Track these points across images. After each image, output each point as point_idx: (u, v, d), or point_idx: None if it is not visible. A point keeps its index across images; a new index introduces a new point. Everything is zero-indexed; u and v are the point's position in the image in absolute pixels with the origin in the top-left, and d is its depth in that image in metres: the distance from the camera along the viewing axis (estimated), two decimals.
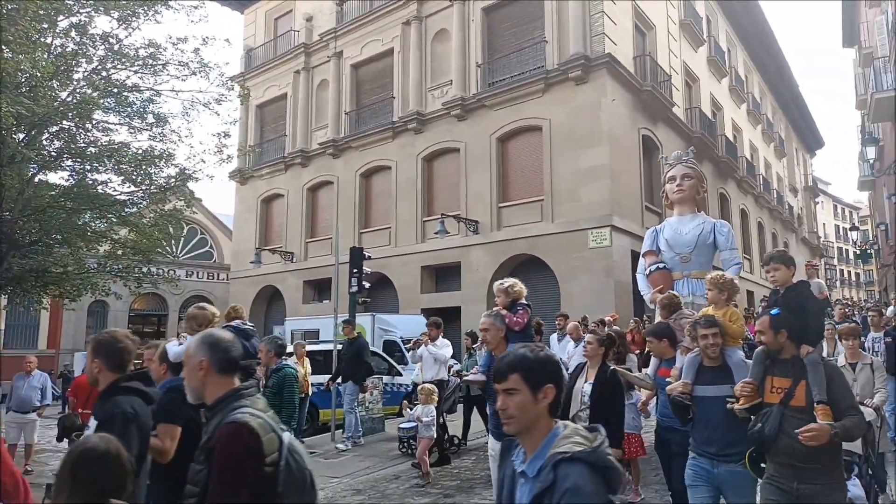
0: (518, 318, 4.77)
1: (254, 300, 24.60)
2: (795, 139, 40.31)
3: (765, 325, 3.46)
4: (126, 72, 13.57)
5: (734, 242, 6.36)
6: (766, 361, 3.56)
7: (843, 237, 63.10)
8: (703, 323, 4.01)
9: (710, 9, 25.74)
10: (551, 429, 1.90)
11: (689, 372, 4.10)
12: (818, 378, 3.30)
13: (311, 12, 24.07)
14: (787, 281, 3.81)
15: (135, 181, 13.99)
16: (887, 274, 30.05)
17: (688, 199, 6.51)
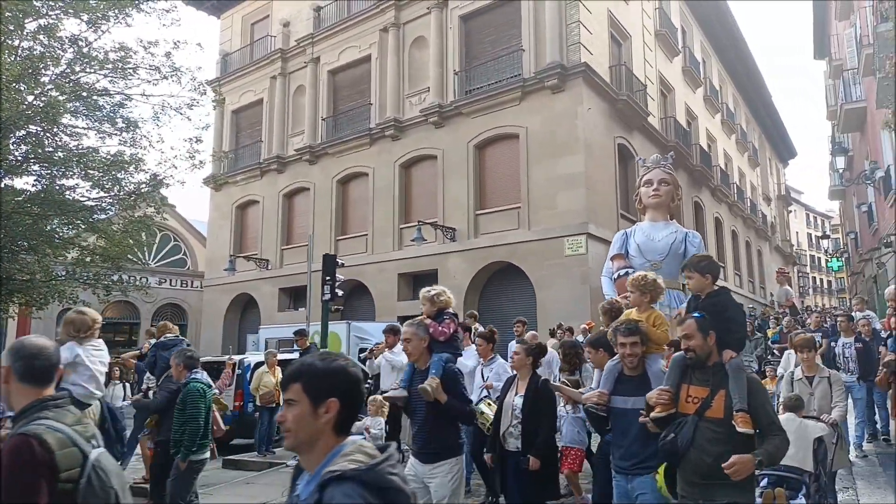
0: (443, 327, 4.52)
1: (228, 308, 24.27)
2: (769, 149, 40.96)
3: (692, 328, 3.28)
4: (95, 75, 13.39)
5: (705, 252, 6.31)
6: (683, 368, 3.38)
7: (816, 245, 64.26)
8: (622, 330, 3.77)
9: (685, 20, 26.07)
10: (334, 447, 1.72)
11: (608, 381, 3.87)
12: (739, 385, 3.13)
13: (289, 18, 23.92)
14: (704, 288, 3.68)
15: (104, 187, 13.77)
16: (857, 281, 30.60)
17: (663, 205, 6.32)
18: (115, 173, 13.50)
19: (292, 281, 21.51)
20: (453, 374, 4.25)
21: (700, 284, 3.67)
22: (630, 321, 3.85)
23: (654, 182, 6.33)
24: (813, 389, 5.94)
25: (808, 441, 4.95)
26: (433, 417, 4.15)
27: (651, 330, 3.89)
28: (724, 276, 27.11)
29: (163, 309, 29.08)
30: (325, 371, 1.76)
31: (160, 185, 14.48)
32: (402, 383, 4.58)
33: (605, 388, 3.81)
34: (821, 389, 5.92)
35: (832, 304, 56.40)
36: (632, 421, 3.59)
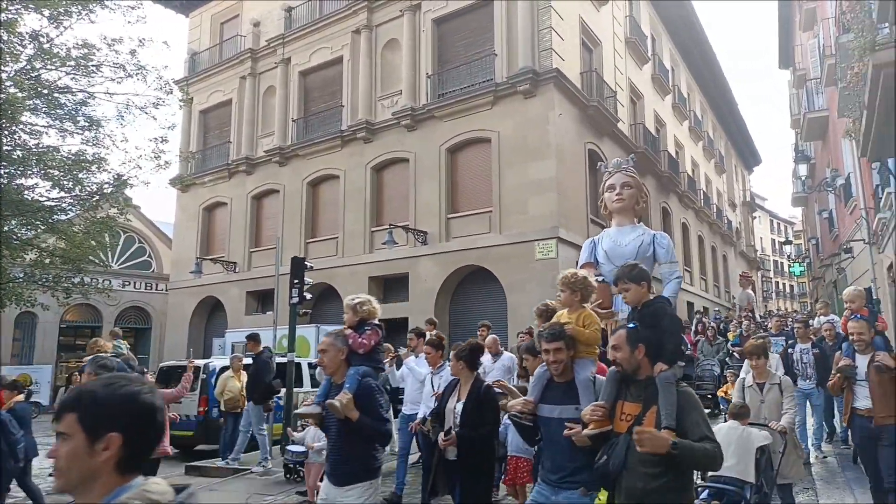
0: (363, 339, 4.23)
1: (194, 311, 23.85)
2: (734, 156, 41.76)
3: (620, 339, 3.08)
4: (57, 72, 13.05)
5: (674, 255, 6.08)
6: (619, 382, 3.16)
7: (779, 251, 65.69)
8: (545, 335, 3.50)
9: (654, 28, 26.44)
10: (114, 489, 1.46)
11: (535, 388, 3.62)
12: (668, 400, 2.90)
13: (259, 18, 23.64)
14: (642, 298, 3.48)
15: (64, 187, 13.42)
16: (818, 286, 31.33)
17: (627, 208, 6.15)
18: (77, 173, 13.17)
19: (260, 284, 21.22)
20: (369, 389, 3.94)
21: (637, 295, 3.46)
22: (554, 325, 3.59)
23: (616, 186, 6.22)
24: (764, 396, 5.84)
25: (751, 450, 4.82)
26: (345, 436, 3.88)
27: (579, 331, 3.59)
28: (691, 281, 27.53)
29: (126, 312, 28.45)
30: (106, 399, 1.50)
31: (124, 185, 14.17)
32: (317, 398, 4.24)
33: (533, 396, 3.57)
34: (772, 397, 5.81)
35: (794, 307, 57.69)
36: (558, 431, 3.35)
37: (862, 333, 5.43)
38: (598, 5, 20.20)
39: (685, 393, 2.97)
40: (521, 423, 3.56)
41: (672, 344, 3.12)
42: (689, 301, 26.69)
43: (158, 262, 29.76)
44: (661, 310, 3.31)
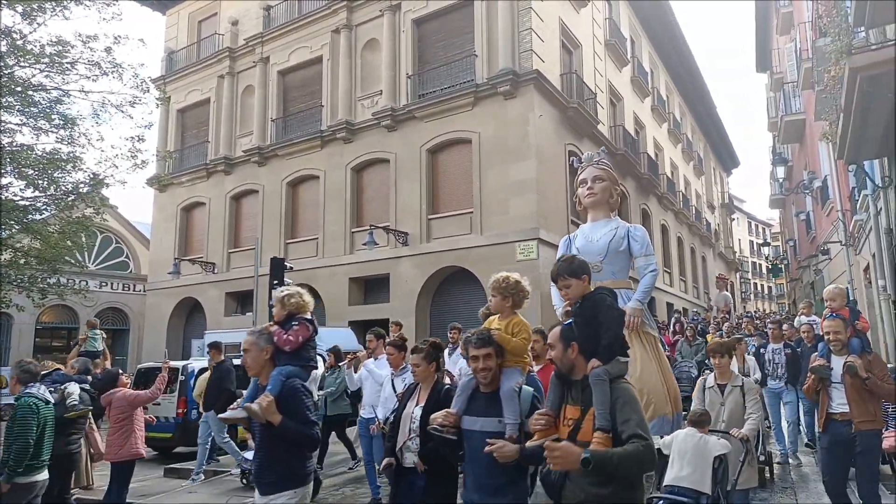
0: (289, 335, 3.83)
1: (172, 312, 23.55)
2: (713, 158, 42.24)
3: (554, 337, 2.91)
4: (30, 69, 12.80)
5: (650, 248, 5.82)
6: (563, 385, 2.95)
7: (757, 252, 66.53)
8: (473, 341, 3.26)
9: (634, 31, 26.64)
10: None
11: (460, 398, 3.34)
12: (600, 399, 2.69)
13: (237, 16, 23.43)
14: (583, 294, 3.24)
15: (39, 186, 13.17)
16: (796, 287, 31.77)
17: (600, 202, 5.94)
18: (52, 172, 12.94)
19: (239, 285, 21.02)
20: (293, 391, 3.63)
21: (579, 289, 3.21)
22: (482, 331, 3.36)
23: (588, 181, 6.04)
24: (724, 399, 5.45)
25: (708, 460, 4.61)
26: (269, 441, 3.61)
27: (506, 339, 3.35)
28: (670, 282, 27.77)
29: (103, 313, 27.98)
30: None
31: (100, 184, 13.95)
32: (243, 401, 3.92)
33: (457, 407, 3.29)
34: (733, 399, 5.42)
35: (772, 309, 58.44)
36: (479, 445, 3.08)
37: (838, 333, 5.13)
38: (578, 7, 20.30)
39: (620, 389, 2.74)
40: (440, 435, 3.26)
41: (608, 338, 2.89)
42: (668, 302, 26.92)
43: (136, 263, 29.35)
44: (600, 301, 3.07)
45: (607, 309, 3.00)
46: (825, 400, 5.16)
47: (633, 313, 5.60)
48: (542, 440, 2.81)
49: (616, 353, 2.88)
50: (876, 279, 11.78)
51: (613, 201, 6.05)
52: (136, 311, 27.97)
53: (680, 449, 4.72)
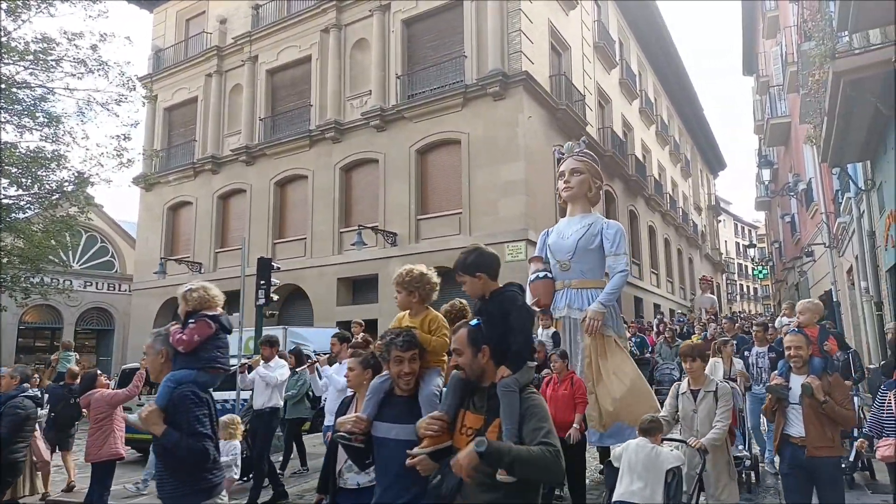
0: (184, 334, 3.43)
1: (158, 312, 23.35)
2: (700, 160, 42.53)
3: (461, 340, 2.63)
4: (15, 66, 12.68)
5: (622, 246, 5.41)
6: (463, 389, 2.70)
7: (743, 254, 67.04)
8: (399, 343, 2.93)
9: (622, 33, 26.77)
10: None
11: (371, 402, 3.01)
12: (508, 411, 2.44)
13: (226, 15, 23.30)
14: (484, 289, 2.94)
15: (23, 184, 13.06)
16: (781, 289, 32.06)
17: (577, 196, 5.61)
18: (36, 170, 12.84)
19: (226, 285, 20.77)
20: (182, 399, 3.27)
21: (474, 287, 2.93)
22: (407, 331, 3.03)
23: (566, 173, 5.73)
24: (697, 406, 5.07)
25: (660, 473, 4.32)
26: (161, 452, 3.33)
27: (426, 339, 3.08)
28: (657, 283, 27.92)
29: (88, 313, 27.74)
30: None
31: (85, 183, 13.85)
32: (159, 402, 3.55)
33: (367, 412, 2.97)
34: (705, 406, 5.04)
35: (758, 310, 58.91)
36: (393, 455, 2.79)
37: (799, 349, 4.63)
38: (567, 9, 20.38)
39: (529, 400, 2.50)
40: (350, 445, 2.92)
41: (518, 343, 2.64)
42: (655, 303, 27.07)
43: (121, 263, 29.09)
44: (510, 301, 2.78)
45: (518, 309, 2.75)
46: (781, 421, 4.69)
47: (592, 316, 5.33)
48: (431, 447, 2.58)
49: (526, 358, 2.66)
50: (858, 281, 11.94)
51: (592, 195, 5.73)
52: (121, 312, 27.73)
53: (630, 461, 4.44)
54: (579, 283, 5.45)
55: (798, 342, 4.63)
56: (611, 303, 5.36)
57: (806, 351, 4.60)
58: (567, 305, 5.62)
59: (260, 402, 7.79)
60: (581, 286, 5.45)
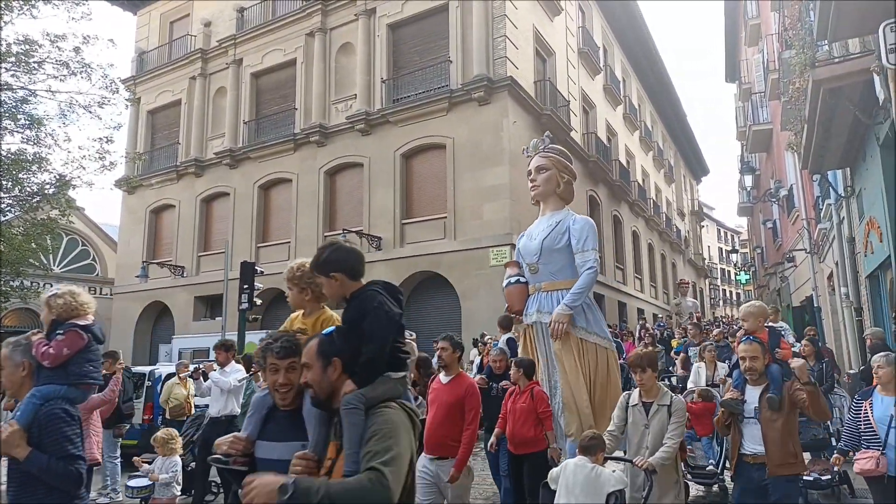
0: (50, 346, 3.04)
1: (140, 317, 23.13)
2: (683, 166, 42.92)
3: (310, 353, 2.29)
4: None
5: (588, 242, 4.97)
6: (329, 415, 2.33)
7: (726, 259, 67.57)
8: (275, 349, 2.55)
9: (606, 39, 26.98)
10: None
11: (253, 419, 2.64)
12: (352, 432, 2.11)
13: (210, 17, 23.18)
14: (342, 293, 2.52)
15: (3, 187, 12.91)
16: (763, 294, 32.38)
17: (545, 194, 5.30)
18: (16, 173, 12.71)
19: (209, 289, 20.73)
20: (50, 417, 2.90)
21: (332, 289, 2.54)
22: (287, 336, 2.67)
23: (532, 172, 5.41)
24: (649, 420, 4.48)
25: (600, 496, 3.91)
26: (18, 478, 2.89)
27: None
28: (640, 288, 28.10)
29: None
30: None
31: (66, 186, 13.72)
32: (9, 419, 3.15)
33: (248, 430, 2.61)
34: (658, 421, 4.45)
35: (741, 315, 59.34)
36: None
37: (755, 359, 4.20)
38: (552, 15, 20.50)
39: (377, 417, 2.14)
40: (230, 468, 2.53)
41: (369, 351, 2.27)
42: (639, 308, 27.24)
43: (103, 266, 28.77)
44: (366, 302, 2.41)
45: (373, 311, 2.36)
46: (737, 439, 4.25)
47: (556, 318, 4.95)
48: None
49: (380, 370, 2.28)
50: (839, 286, 12.09)
51: (562, 191, 5.35)
52: (102, 316, 27.35)
53: (568, 483, 4.03)
54: (549, 286, 5.12)
55: (753, 352, 4.23)
56: (577, 303, 4.96)
57: (762, 361, 4.23)
58: (537, 310, 5.27)
59: (216, 409, 7.55)
60: (551, 288, 5.10)
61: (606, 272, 23.58)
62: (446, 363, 4.96)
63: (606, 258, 23.74)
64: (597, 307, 5.09)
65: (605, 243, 23.76)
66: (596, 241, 4.96)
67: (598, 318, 5.14)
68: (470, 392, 4.84)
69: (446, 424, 4.76)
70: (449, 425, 4.75)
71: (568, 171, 5.43)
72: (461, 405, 4.77)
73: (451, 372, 4.95)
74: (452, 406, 4.78)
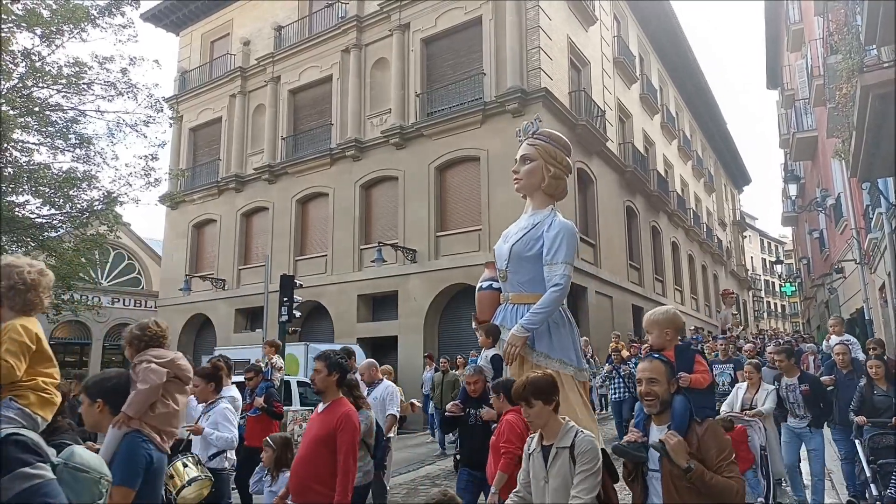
0: None
1: (183, 329, 23.61)
2: (724, 175, 42.08)
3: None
4: (48, 90, 13.06)
5: (561, 253, 3.88)
6: None
7: (770, 270, 65.86)
8: None
9: (642, 48, 26.72)
10: None
11: None
12: None
13: (249, 36, 23.74)
14: None
15: (55, 204, 13.37)
16: (810, 306, 31.45)
17: (528, 189, 4.36)
18: (68, 190, 13.14)
19: (249, 302, 21.07)
20: None
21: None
22: None
23: (517, 162, 4.55)
24: (549, 468, 3.15)
25: None
26: None
27: None
28: (681, 300, 27.56)
29: (115, 329, 28.15)
30: None
31: (114, 202, 14.11)
32: None
33: None
34: (558, 469, 3.10)
35: (785, 328, 57.81)
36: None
37: (652, 381, 2.98)
38: (587, 25, 20.41)
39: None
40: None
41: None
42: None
43: (147, 279, 29.56)
44: None
45: None
46: (639, 495, 3.03)
47: (511, 341, 3.86)
48: None
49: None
50: (892, 298, 11.65)
51: (547, 185, 4.34)
52: None
53: None
54: (516, 298, 4.16)
55: (652, 372, 2.99)
56: (535, 325, 3.86)
57: (665, 387, 2.97)
58: (500, 323, 4.26)
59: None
60: (517, 301, 4.12)
61: (645, 284, 23.21)
62: (318, 389, 4.11)
63: (645, 270, 23.37)
64: (570, 326, 4.01)
65: (644, 255, 23.40)
66: (572, 253, 3.95)
67: (565, 342, 3.98)
68: (342, 424, 3.86)
69: (310, 463, 3.85)
70: (313, 465, 3.84)
71: (557, 163, 4.36)
72: (332, 440, 3.85)
73: (326, 399, 4.09)
74: (320, 441, 3.88)
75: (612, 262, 20.18)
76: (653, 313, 3.96)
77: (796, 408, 6.54)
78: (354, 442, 3.89)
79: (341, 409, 3.98)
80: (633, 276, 22.39)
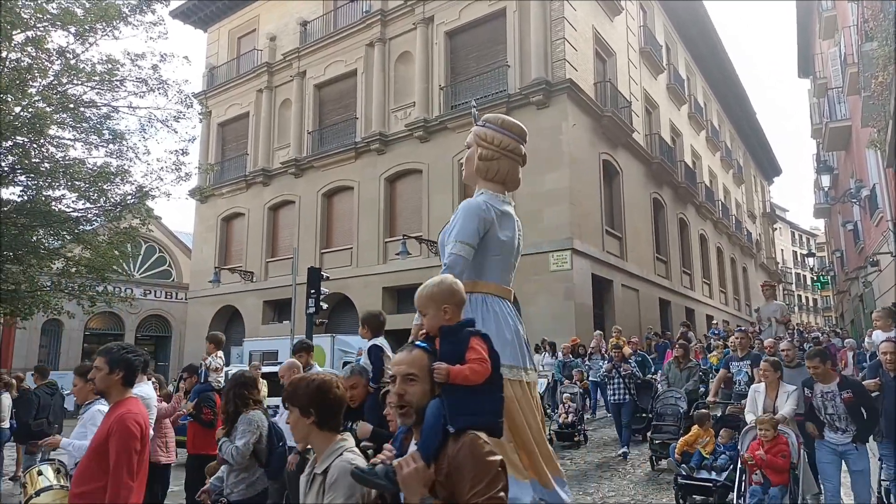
0: None
1: (212, 320, 24.10)
2: (753, 166, 41.39)
3: None
4: (82, 87, 13.36)
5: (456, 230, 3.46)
6: None
7: (801, 263, 64.63)
8: None
9: (669, 37, 26.40)
10: None
11: None
12: None
13: (275, 32, 24.03)
14: None
15: (90, 198, 13.71)
16: (843, 300, 30.86)
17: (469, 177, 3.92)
18: (101, 185, 13.44)
19: (277, 294, 21.42)
20: None
21: None
22: None
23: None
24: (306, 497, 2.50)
25: None
26: None
27: None
28: (709, 293, 27.27)
29: (147, 320, 28.87)
30: None
31: (146, 196, 14.42)
32: None
33: None
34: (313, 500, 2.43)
35: (817, 322, 56.70)
36: None
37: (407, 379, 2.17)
38: (612, 15, 20.25)
39: None
40: None
41: None
42: (707, 314, 26.42)
43: (178, 272, 30.18)
44: None
45: None
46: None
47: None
48: None
49: None
50: None
51: (478, 169, 3.80)
52: (178, 319, 28.72)
53: None
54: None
55: (411, 366, 2.18)
56: None
57: (426, 385, 2.15)
58: None
59: None
60: None
61: (672, 277, 23.02)
62: (99, 389, 3.46)
63: (672, 263, 23.17)
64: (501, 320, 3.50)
65: (671, 248, 23.20)
66: (467, 231, 3.43)
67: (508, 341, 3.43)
68: (115, 428, 3.15)
69: (87, 473, 3.17)
70: (90, 475, 3.14)
71: (487, 143, 3.82)
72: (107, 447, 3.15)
73: (110, 401, 3.40)
74: (96, 451, 3.19)
75: (638, 255, 20.07)
76: (425, 286, 2.70)
77: (836, 420, 5.36)
78: (128, 450, 3.11)
79: (118, 411, 3.25)
80: (661, 268, 22.24)
